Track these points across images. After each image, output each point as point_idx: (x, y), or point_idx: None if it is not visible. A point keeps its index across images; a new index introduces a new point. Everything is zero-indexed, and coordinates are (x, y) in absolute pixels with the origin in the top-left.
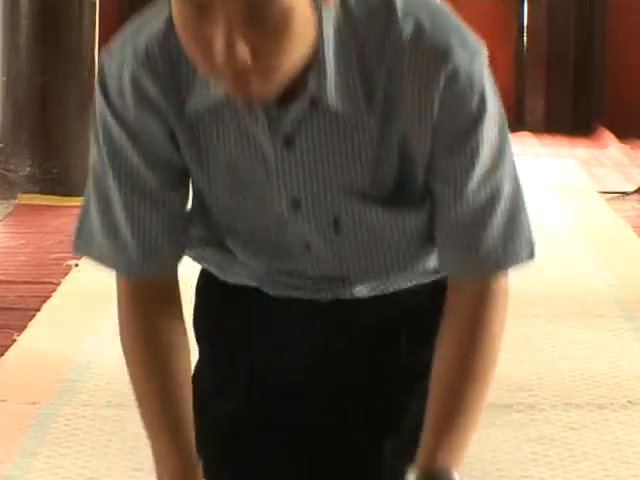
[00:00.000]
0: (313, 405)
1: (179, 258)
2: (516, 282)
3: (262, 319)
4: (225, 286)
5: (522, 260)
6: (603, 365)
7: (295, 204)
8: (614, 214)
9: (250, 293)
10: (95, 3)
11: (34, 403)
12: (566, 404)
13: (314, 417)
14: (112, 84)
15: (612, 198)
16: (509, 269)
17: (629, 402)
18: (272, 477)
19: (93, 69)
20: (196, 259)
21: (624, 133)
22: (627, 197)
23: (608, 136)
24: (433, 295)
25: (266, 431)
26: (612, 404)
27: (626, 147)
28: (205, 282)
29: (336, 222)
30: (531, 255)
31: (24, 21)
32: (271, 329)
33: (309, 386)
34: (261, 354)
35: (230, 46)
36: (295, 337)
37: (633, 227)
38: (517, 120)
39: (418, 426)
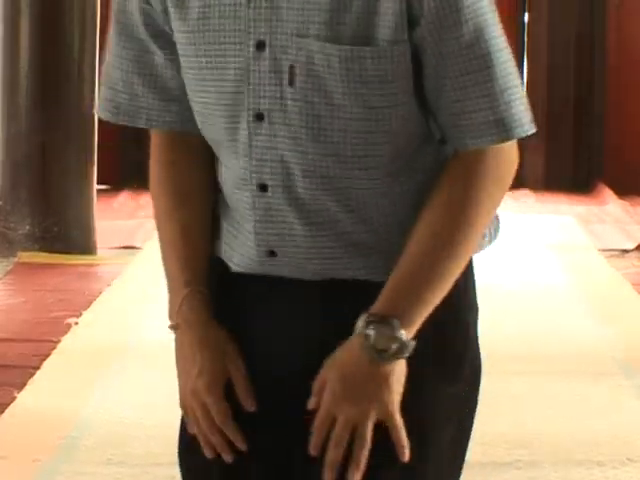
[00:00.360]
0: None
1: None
2: (513, 340)
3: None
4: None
5: (523, 128)
6: (602, 422)
7: (260, 46)
8: (614, 271)
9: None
10: (94, 63)
11: (34, 460)
12: (566, 461)
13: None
14: None
15: (612, 255)
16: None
17: (628, 459)
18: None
19: (93, 128)
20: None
21: (624, 190)
22: (627, 254)
23: (608, 193)
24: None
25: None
26: (612, 461)
27: (626, 204)
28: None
29: (292, 70)
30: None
31: (23, 81)
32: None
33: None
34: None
35: None
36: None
37: (633, 284)
38: (516, 178)
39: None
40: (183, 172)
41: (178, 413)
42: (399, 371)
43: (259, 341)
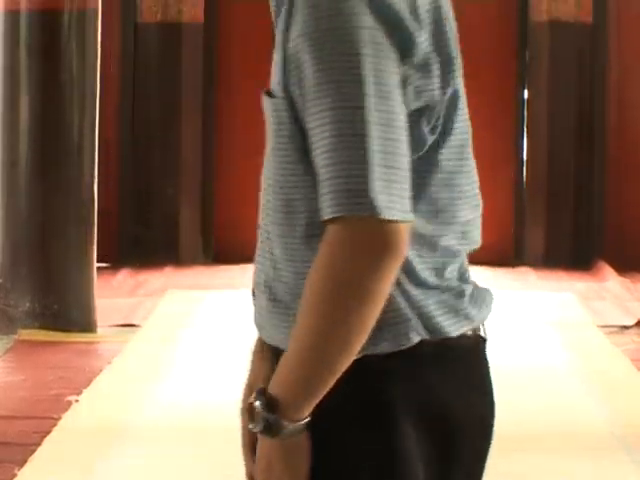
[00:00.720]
0: None
1: None
2: (514, 417)
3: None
4: None
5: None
6: None
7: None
8: (613, 348)
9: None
10: (94, 142)
11: None
12: None
13: None
14: None
15: (612, 332)
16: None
17: None
18: None
19: (92, 207)
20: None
21: (624, 267)
22: (626, 331)
23: (608, 270)
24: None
25: None
26: None
27: (626, 281)
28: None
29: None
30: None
31: (23, 160)
32: None
33: None
34: None
35: None
36: None
37: (632, 360)
38: (517, 254)
39: None
40: None
41: None
42: (290, 447)
43: None
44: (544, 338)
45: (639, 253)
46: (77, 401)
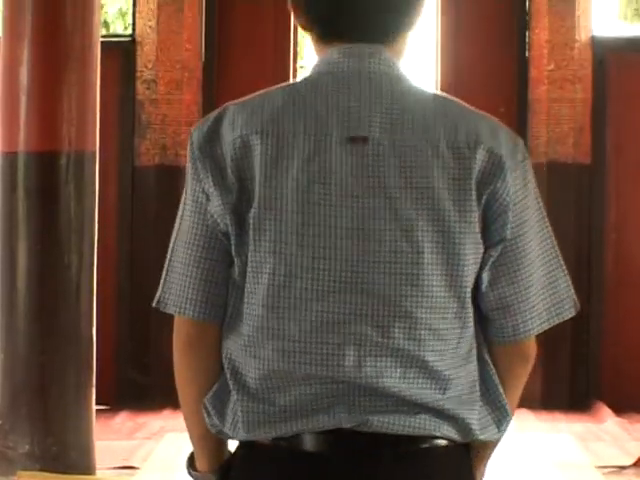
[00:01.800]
0: None
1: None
2: None
3: None
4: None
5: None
6: None
7: None
8: None
9: None
10: (93, 288)
11: None
12: None
13: None
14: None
15: (610, 472)
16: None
17: None
18: None
19: (91, 349)
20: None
21: (622, 408)
22: (624, 471)
23: (605, 411)
24: None
25: None
26: None
27: (624, 421)
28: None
29: None
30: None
31: (21, 302)
32: None
33: None
34: None
35: None
36: None
37: None
38: None
39: None
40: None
41: None
42: None
43: None
44: (543, 479)
45: (636, 392)
46: None
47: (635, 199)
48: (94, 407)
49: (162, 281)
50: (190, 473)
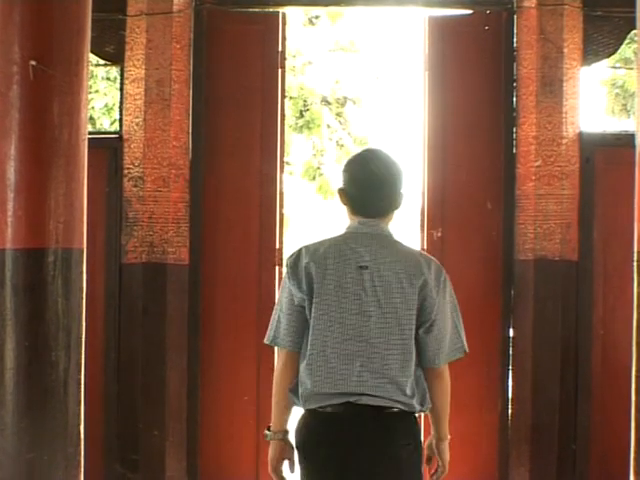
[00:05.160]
0: None
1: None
2: None
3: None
4: None
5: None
6: None
7: None
8: None
9: None
10: (80, 384)
11: None
12: None
13: None
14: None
15: None
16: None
17: None
18: None
19: (79, 445)
20: None
21: None
22: None
23: None
24: None
25: None
26: None
27: None
28: None
29: None
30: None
31: (9, 400)
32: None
33: None
34: None
35: None
36: None
37: None
38: None
39: None
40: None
41: None
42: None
43: None
44: None
45: None
46: None
47: (622, 295)
48: None
49: (273, 330)
50: (267, 435)
